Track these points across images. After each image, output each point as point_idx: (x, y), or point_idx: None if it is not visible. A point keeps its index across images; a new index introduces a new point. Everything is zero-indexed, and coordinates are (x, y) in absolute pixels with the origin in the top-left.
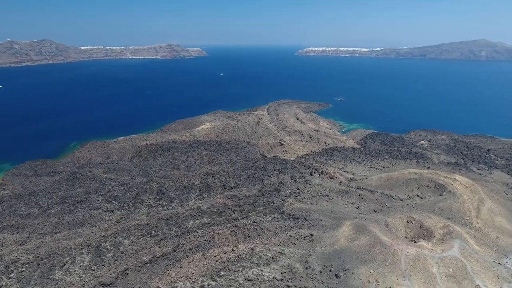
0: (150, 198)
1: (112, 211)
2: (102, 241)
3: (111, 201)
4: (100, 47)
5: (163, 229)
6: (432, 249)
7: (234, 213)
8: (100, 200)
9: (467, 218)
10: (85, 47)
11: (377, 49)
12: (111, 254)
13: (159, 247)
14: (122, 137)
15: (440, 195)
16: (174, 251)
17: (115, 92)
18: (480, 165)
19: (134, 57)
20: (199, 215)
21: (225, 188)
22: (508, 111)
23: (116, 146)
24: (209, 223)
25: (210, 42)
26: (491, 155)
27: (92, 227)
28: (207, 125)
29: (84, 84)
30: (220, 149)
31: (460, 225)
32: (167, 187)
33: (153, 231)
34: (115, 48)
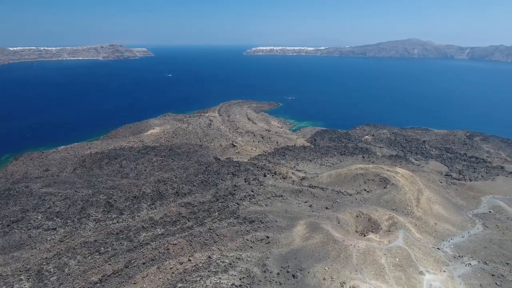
0: (97, 212)
1: (55, 229)
2: (44, 263)
3: (52, 218)
4: (32, 48)
5: (113, 244)
6: (379, 241)
7: (188, 221)
8: (39, 218)
9: (409, 208)
10: (15, 48)
11: (322, 48)
12: (55, 277)
13: (110, 264)
14: (62, 147)
15: (384, 188)
16: (127, 267)
17: (52, 97)
18: (418, 156)
19: (72, 58)
20: (152, 226)
21: (178, 195)
22: (439, 104)
23: (56, 156)
24: (162, 234)
25: (156, 43)
26: (426, 146)
27: (32, 249)
28: (156, 129)
29: (14, 89)
30: (171, 154)
31: (403, 215)
32: (116, 198)
33: (102, 248)
34: (50, 49)
